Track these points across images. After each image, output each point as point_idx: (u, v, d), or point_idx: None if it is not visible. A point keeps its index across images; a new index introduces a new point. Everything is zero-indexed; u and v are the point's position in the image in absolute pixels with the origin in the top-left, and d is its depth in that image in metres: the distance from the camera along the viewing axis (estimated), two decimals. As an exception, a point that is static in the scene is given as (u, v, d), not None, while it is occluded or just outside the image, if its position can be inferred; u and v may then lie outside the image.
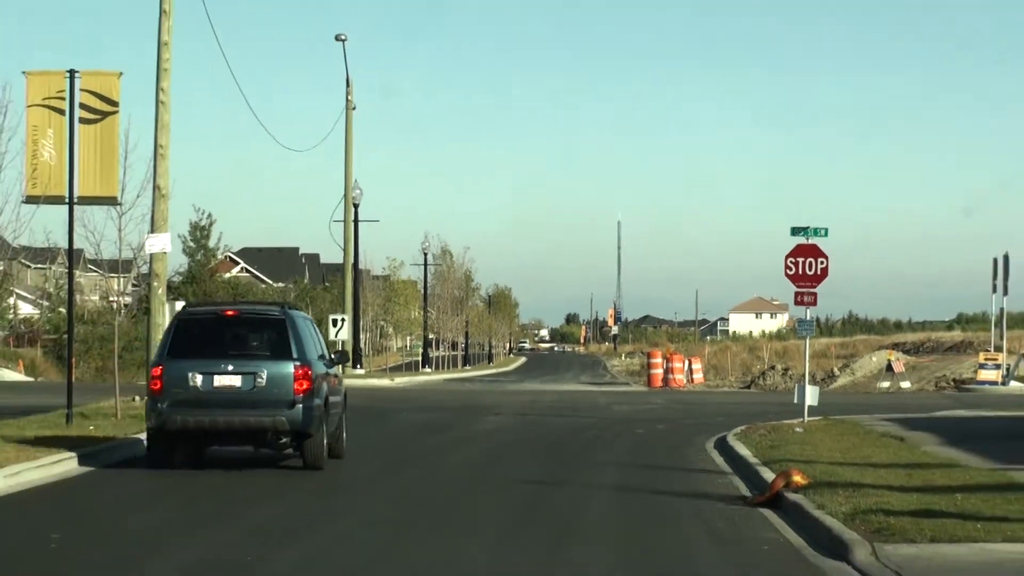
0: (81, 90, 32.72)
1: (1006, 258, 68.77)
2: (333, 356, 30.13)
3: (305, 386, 25.95)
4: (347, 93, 72.59)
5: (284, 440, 26.22)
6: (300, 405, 25.76)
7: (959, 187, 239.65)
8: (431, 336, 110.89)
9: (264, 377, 25.92)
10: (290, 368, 26.00)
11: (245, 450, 27.01)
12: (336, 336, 63.06)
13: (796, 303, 35.44)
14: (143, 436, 27.51)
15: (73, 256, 35.59)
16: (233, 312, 28.31)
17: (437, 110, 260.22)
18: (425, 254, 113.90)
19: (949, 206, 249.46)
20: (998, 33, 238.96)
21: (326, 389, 27.04)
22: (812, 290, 34.66)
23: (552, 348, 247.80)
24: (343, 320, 65.59)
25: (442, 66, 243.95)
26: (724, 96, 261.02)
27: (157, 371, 26.17)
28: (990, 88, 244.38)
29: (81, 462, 25.45)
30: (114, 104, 33.22)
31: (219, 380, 25.89)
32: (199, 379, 25.81)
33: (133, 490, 23.71)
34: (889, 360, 79.66)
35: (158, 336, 39.33)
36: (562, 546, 17.27)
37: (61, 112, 32.74)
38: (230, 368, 26.04)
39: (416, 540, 17.44)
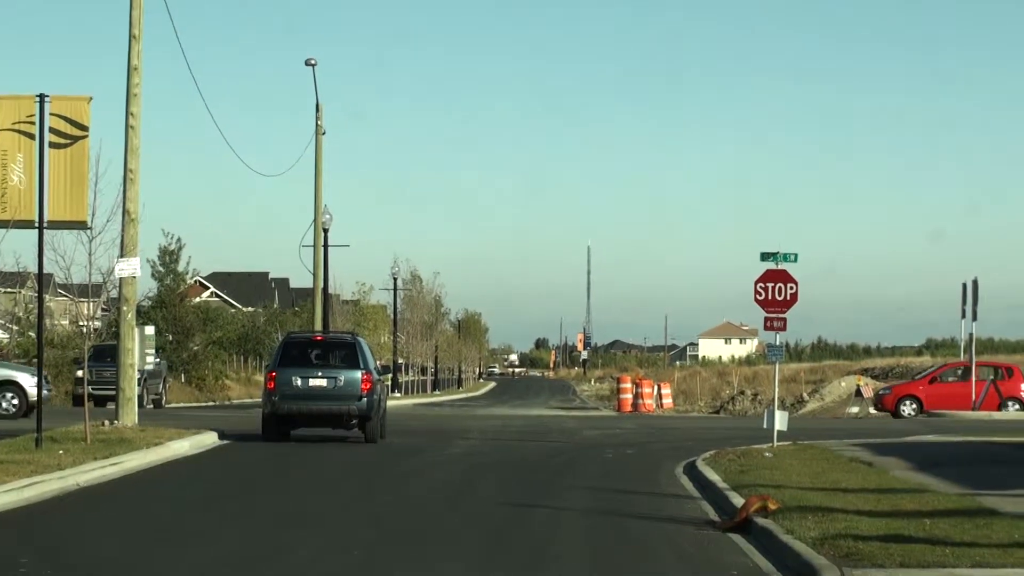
0: (51, 114, 32.68)
1: (975, 283, 68.91)
2: (382, 368, 42.31)
3: (368, 386, 38.12)
4: (317, 118, 72.48)
5: (353, 422, 38.47)
6: (365, 399, 38.02)
7: (926, 213, 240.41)
8: (400, 361, 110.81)
9: (342, 380, 38.16)
10: (359, 374, 38.22)
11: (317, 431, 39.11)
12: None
13: (766, 328, 35.51)
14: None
15: (43, 280, 35.49)
16: (321, 337, 43.63)
17: (407, 136, 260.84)
18: (395, 279, 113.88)
19: (917, 232, 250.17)
20: (963, 62, 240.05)
21: (379, 389, 39.62)
22: (782, 315, 34.72)
23: (512, 372, 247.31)
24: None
25: (412, 93, 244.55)
26: (692, 124, 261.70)
27: (272, 375, 38.53)
28: (956, 116, 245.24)
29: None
30: (84, 128, 33.23)
31: (312, 382, 38.09)
32: (299, 381, 38.01)
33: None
34: (858, 385, 79.89)
35: (128, 360, 39.59)
36: (535, 565, 17.30)
37: (31, 136, 32.72)
38: (319, 374, 38.32)
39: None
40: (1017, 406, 62.99)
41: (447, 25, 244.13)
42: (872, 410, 70.04)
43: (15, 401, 52.28)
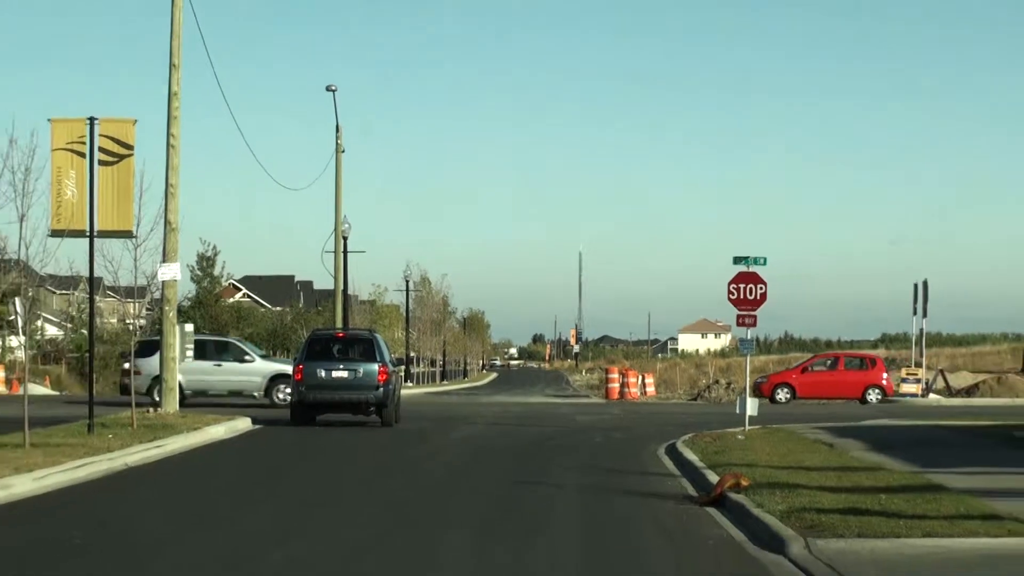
0: (100, 135, 32.70)
1: (925, 284, 69.12)
2: (397, 360, 42.68)
3: (384, 377, 38.76)
4: (337, 138, 72.42)
5: (372, 409, 38.99)
6: (382, 388, 38.61)
7: (883, 221, 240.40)
8: (412, 354, 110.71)
9: (361, 372, 38.74)
10: (376, 367, 38.81)
11: (342, 417, 39.44)
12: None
13: (738, 324, 35.46)
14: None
15: (93, 284, 35.53)
16: (342, 334, 44.00)
17: (417, 151, 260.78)
18: (407, 281, 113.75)
19: (874, 238, 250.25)
20: (922, 82, 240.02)
21: (394, 379, 40.16)
22: (752, 313, 34.70)
23: (509, 365, 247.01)
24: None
25: (422, 112, 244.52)
26: (673, 140, 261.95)
27: (299, 368, 39.20)
28: (915, 133, 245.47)
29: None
30: (129, 148, 33.22)
31: (335, 373, 38.77)
32: (323, 373, 38.77)
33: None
34: (821, 375, 79.74)
35: (170, 354, 39.64)
36: (531, 538, 17.27)
37: (82, 155, 32.71)
38: (341, 367, 38.90)
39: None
40: (878, 393, 63.01)
41: (451, 48, 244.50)
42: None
43: (290, 392, 52.72)
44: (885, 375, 64.55)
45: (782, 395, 63.11)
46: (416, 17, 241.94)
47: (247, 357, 54.10)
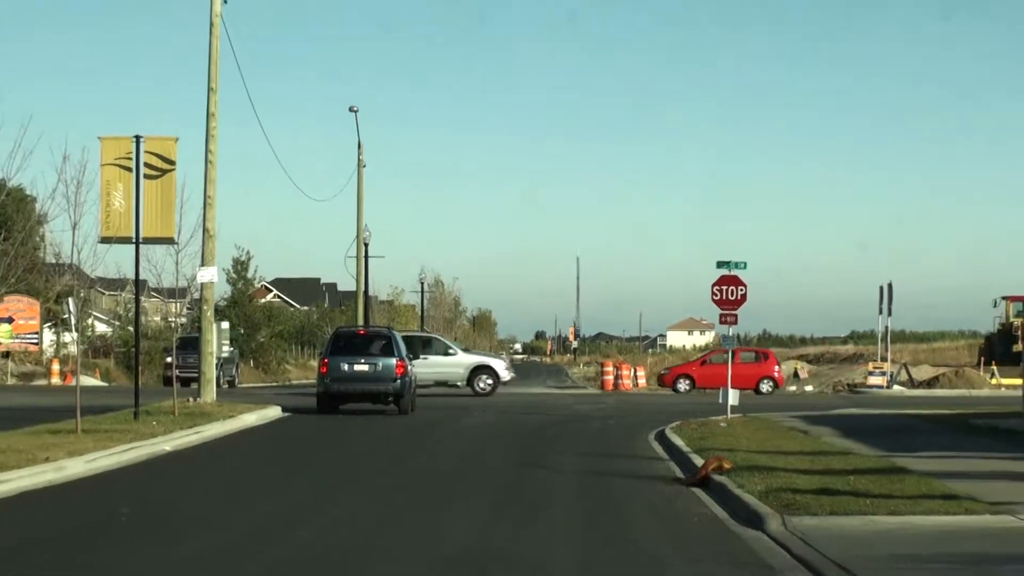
0: (145, 152, 32.79)
1: (890, 286, 69.02)
2: (411, 355, 42.01)
3: (401, 370, 38.53)
4: (359, 154, 72.48)
5: (390, 399, 38.60)
6: (399, 380, 38.37)
7: (856, 226, 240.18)
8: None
9: (380, 366, 38.42)
10: (394, 361, 38.57)
11: (362, 406, 38.76)
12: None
13: (721, 323, 35.46)
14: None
15: (139, 285, 35.58)
16: (363, 331, 43.72)
17: (432, 164, 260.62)
18: (422, 283, 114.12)
19: (847, 242, 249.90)
20: (886, 97, 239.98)
21: (410, 372, 39.87)
22: (734, 312, 34.71)
23: (512, 359, 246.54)
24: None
25: (436, 127, 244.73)
26: (661, 151, 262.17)
27: (325, 362, 39.17)
28: (884, 146, 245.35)
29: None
30: (171, 163, 33.29)
31: (357, 367, 38.45)
32: (346, 366, 38.45)
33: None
34: (796, 368, 79.78)
35: (208, 348, 39.74)
36: (533, 514, 17.32)
37: (129, 170, 32.79)
38: (362, 361, 38.54)
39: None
40: (771, 384, 62.97)
41: (461, 68, 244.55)
42: (808, 388, 70.08)
43: (489, 381, 54.73)
44: (777, 368, 64.68)
45: (683, 385, 63.12)
46: (429, 40, 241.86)
47: (450, 351, 55.69)
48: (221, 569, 13.05)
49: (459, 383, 54.36)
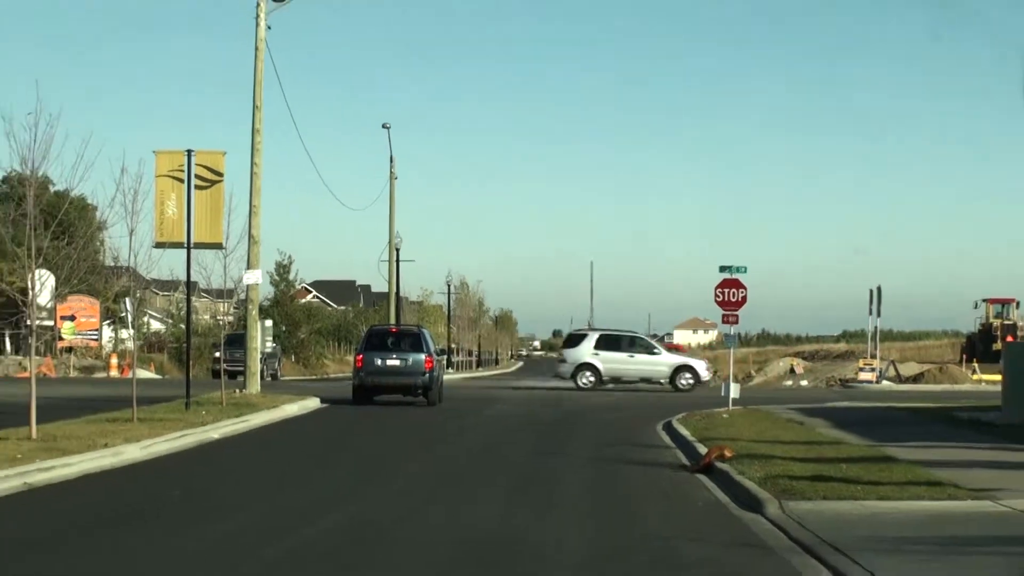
0: (196, 164, 32.93)
1: (879, 289, 69.12)
2: (440, 351, 43.62)
3: (430, 365, 38.64)
4: (391, 167, 72.60)
5: (419, 391, 38.67)
6: (428, 374, 38.48)
7: (848, 233, 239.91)
8: (453, 346, 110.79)
9: (411, 361, 38.50)
10: (423, 356, 38.63)
11: (394, 397, 39.17)
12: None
13: (723, 322, 35.45)
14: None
15: (190, 286, 35.68)
16: (395, 329, 43.46)
17: (459, 174, 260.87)
18: (449, 285, 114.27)
19: (840, 247, 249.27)
20: (877, 116, 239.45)
21: (438, 367, 40.45)
22: (735, 312, 34.71)
23: (531, 356, 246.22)
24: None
25: (464, 139, 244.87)
26: (668, 160, 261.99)
27: (360, 357, 39.30)
28: (875, 158, 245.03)
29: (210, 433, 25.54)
30: (220, 175, 33.41)
31: (389, 362, 38.59)
32: (380, 361, 38.59)
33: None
34: (792, 364, 79.85)
35: (253, 344, 39.85)
36: (548, 498, 17.32)
37: (181, 181, 32.91)
38: (394, 356, 38.64)
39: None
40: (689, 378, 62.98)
41: (486, 85, 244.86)
42: (803, 382, 69.93)
43: (690, 380, 54.11)
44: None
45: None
46: (455, 60, 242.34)
47: (655, 350, 55.36)
48: (264, 543, 13.06)
49: (662, 380, 53.77)
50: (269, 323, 69.86)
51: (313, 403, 37.75)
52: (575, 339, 55.92)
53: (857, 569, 11.73)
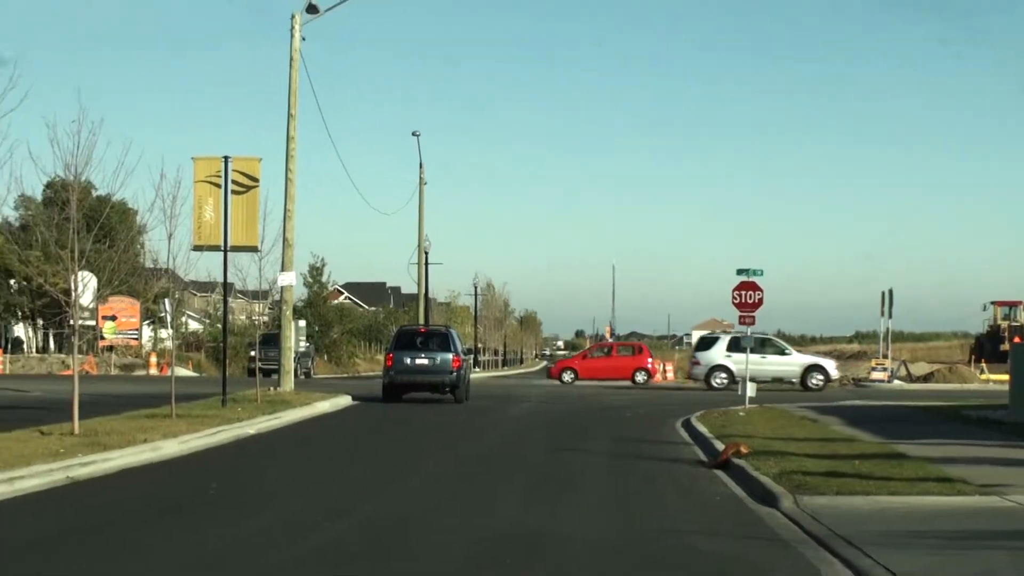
0: (232, 170, 33.00)
1: (890, 292, 68.78)
2: (467, 350, 43.76)
3: (457, 364, 38.70)
4: (420, 173, 72.72)
5: (447, 389, 38.76)
6: (455, 373, 38.60)
7: (861, 238, 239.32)
8: (479, 345, 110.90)
9: (439, 360, 38.57)
10: (451, 356, 38.72)
11: (422, 395, 39.30)
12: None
13: (740, 323, 35.41)
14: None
15: (227, 288, 35.74)
16: (424, 329, 42.77)
17: (486, 180, 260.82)
18: (475, 287, 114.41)
19: (853, 252, 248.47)
20: (889, 126, 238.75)
21: (465, 366, 40.31)
22: (751, 314, 34.65)
23: (551, 355, 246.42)
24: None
25: (492, 145, 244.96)
26: (688, 170, 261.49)
27: (390, 356, 39.44)
28: (888, 166, 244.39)
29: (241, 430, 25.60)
30: (255, 180, 33.48)
31: (418, 360, 38.66)
32: (409, 360, 38.62)
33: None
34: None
35: (287, 344, 39.97)
36: (570, 491, 17.32)
37: (218, 186, 33.00)
38: (423, 355, 38.71)
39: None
40: (644, 375, 63.14)
41: (513, 94, 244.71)
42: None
43: (820, 379, 53.82)
44: (650, 360, 65.10)
45: (567, 377, 63.17)
46: (485, 69, 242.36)
47: (786, 351, 54.95)
48: (297, 535, 13.09)
49: (793, 380, 53.59)
50: (302, 323, 70.02)
51: (345, 400, 37.81)
52: (708, 342, 55.46)
53: (868, 562, 11.70)
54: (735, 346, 53.44)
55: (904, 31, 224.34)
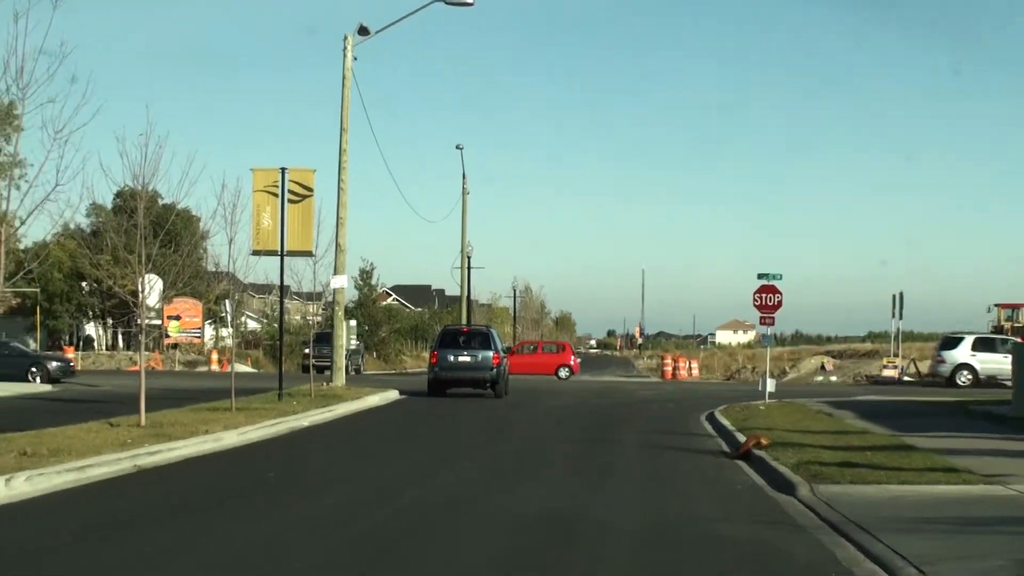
0: (289, 181, 33.13)
1: (901, 295, 68.55)
2: (506, 349, 44.13)
3: (497, 361, 38.76)
4: (463, 184, 72.76)
5: (488, 384, 38.76)
6: (495, 370, 38.60)
7: (874, 243, 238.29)
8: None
9: (480, 357, 38.60)
10: (491, 354, 38.76)
11: (464, 390, 39.25)
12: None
13: (760, 324, 35.26)
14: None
15: (283, 290, 35.87)
16: (466, 329, 42.45)
17: (526, 190, 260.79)
18: (514, 290, 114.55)
19: (867, 256, 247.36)
20: (901, 140, 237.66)
21: (504, 363, 40.37)
22: (771, 315, 34.50)
23: (588, 353, 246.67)
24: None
25: (532, 159, 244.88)
26: (713, 179, 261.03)
27: (434, 354, 39.23)
28: (899, 177, 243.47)
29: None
30: (310, 190, 33.59)
31: (461, 358, 38.66)
32: (452, 357, 38.60)
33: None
34: (823, 362, 79.20)
35: (339, 342, 40.05)
36: (603, 479, 17.32)
37: (275, 195, 33.15)
38: (465, 353, 38.71)
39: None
40: (567, 370, 62.70)
41: (551, 109, 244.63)
42: (833, 378, 69.46)
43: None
44: (573, 358, 64.74)
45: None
46: (523, 85, 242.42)
47: None
48: (349, 518, 13.15)
49: None
50: (353, 323, 70.20)
51: (392, 395, 37.88)
52: (952, 342, 53.63)
53: (881, 546, 11.68)
54: (980, 346, 51.83)
55: (918, 55, 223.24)
